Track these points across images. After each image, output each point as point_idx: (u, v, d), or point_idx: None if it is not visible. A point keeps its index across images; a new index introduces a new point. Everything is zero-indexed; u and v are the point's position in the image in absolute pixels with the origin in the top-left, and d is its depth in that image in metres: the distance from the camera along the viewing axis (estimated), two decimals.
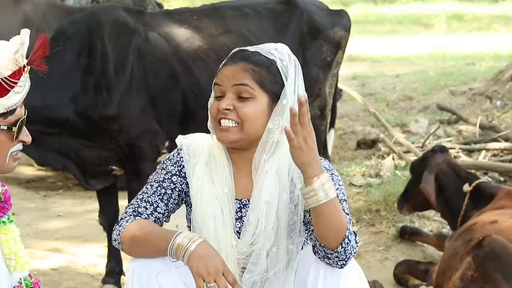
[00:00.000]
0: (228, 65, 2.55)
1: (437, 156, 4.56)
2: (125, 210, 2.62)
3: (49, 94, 4.19)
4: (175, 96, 4.40)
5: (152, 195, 2.60)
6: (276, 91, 2.53)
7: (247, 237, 2.55)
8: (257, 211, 2.54)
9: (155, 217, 2.58)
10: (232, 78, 2.51)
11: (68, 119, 4.25)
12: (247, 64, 2.52)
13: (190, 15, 4.66)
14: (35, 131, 4.20)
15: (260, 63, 2.53)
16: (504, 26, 16.54)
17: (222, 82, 2.53)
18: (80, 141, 4.33)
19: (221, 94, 2.54)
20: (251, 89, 2.50)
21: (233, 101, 2.51)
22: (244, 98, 2.51)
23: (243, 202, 2.59)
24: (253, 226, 2.54)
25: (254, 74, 2.51)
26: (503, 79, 8.65)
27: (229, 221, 2.56)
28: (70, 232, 5.59)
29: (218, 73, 2.57)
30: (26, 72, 2.20)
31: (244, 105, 2.50)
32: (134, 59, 4.32)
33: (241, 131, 2.51)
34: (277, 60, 2.54)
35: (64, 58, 4.24)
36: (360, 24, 17.50)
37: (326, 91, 4.91)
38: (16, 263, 2.33)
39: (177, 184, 2.62)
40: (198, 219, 2.58)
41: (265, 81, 2.52)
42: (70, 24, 4.46)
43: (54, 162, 4.48)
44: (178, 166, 2.63)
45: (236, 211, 2.59)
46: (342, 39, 4.93)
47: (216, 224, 2.55)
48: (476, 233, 3.92)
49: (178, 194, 2.62)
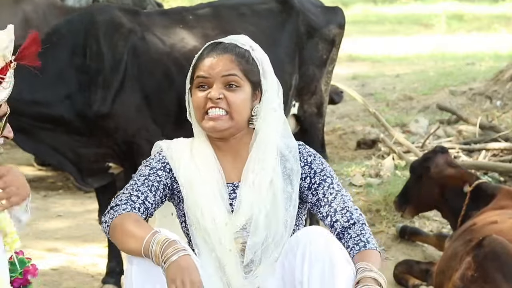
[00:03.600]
0: (211, 57, 2.65)
1: (438, 157, 4.56)
2: (118, 198, 2.65)
3: (42, 90, 4.20)
4: (170, 96, 4.41)
5: (141, 185, 2.66)
6: (255, 79, 2.68)
7: (240, 211, 2.64)
8: (248, 187, 2.65)
9: (145, 207, 2.64)
10: (220, 69, 2.63)
11: (63, 116, 4.26)
12: (232, 55, 2.65)
13: (186, 15, 4.66)
14: (28, 124, 4.23)
15: (242, 54, 2.67)
16: (504, 26, 16.55)
17: (209, 73, 2.63)
18: (75, 138, 4.33)
19: (207, 85, 2.64)
20: (239, 79, 2.64)
21: (222, 90, 2.63)
22: (233, 87, 2.63)
23: (235, 185, 2.70)
24: (245, 200, 2.64)
25: (239, 65, 2.65)
26: (503, 79, 8.66)
27: (221, 202, 2.65)
28: (70, 232, 5.58)
29: (199, 64, 2.67)
30: (12, 68, 2.20)
31: (233, 94, 2.63)
32: (129, 59, 4.32)
33: (231, 120, 2.63)
34: (250, 51, 2.69)
35: (59, 56, 4.24)
36: (360, 24, 17.53)
37: (322, 89, 4.91)
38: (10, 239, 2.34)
39: (163, 178, 2.69)
40: (191, 205, 2.66)
41: (248, 70, 2.66)
42: (66, 23, 4.47)
43: (46, 155, 4.47)
44: (162, 163, 2.72)
45: (230, 193, 2.69)
46: (336, 36, 4.93)
47: (210, 206, 2.63)
48: (476, 233, 3.92)
49: (163, 188, 2.69)
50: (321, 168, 2.72)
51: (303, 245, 2.53)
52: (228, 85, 2.63)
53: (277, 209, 2.65)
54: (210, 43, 2.72)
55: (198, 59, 2.70)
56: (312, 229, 2.61)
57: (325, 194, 2.69)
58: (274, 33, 4.69)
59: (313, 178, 2.70)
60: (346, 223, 2.65)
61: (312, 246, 2.51)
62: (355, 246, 2.60)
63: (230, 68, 2.63)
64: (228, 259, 2.63)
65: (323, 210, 2.69)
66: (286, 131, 2.76)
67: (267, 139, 2.68)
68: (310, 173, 2.71)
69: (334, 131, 8.34)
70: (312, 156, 2.74)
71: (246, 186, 2.66)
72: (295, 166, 2.69)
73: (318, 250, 2.50)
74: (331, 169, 2.75)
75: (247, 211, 2.64)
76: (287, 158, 2.70)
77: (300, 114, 4.95)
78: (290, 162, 2.69)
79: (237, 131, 2.68)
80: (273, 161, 2.67)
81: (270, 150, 2.68)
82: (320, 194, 2.69)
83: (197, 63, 2.69)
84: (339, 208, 2.67)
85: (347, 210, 2.67)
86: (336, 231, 2.66)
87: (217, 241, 2.63)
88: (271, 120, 2.70)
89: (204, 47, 2.72)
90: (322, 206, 2.69)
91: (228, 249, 2.63)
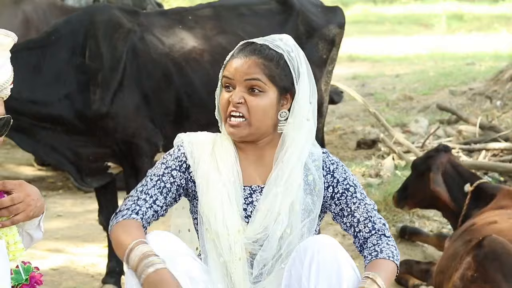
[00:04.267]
0: (238, 58, 2.58)
1: (441, 156, 4.56)
2: (125, 202, 2.64)
3: (41, 90, 4.20)
4: (169, 95, 4.41)
5: (152, 188, 2.62)
6: (284, 85, 2.58)
7: (256, 223, 2.58)
8: (270, 198, 2.58)
9: (153, 210, 2.61)
10: (244, 72, 2.55)
11: (62, 115, 4.26)
12: (258, 59, 2.56)
13: (185, 15, 4.66)
14: (27, 123, 4.23)
15: (270, 58, 2.57)
16: (504, 26, 16.55)
17: (233, 75, 2.56)
18: (75, 137, 4.33)
19: (231, 86, 2.58)
20: (263, 84, 2.55)
21: (244, 95, 2.55)
22: (255, 92, 2.55)
23: (253, 188, 2.63)
24: (262, 213, 2.58)
25: (265, 69, 2.56)
26: (503, 79, 8.66)
27: (235, 207, 2.59)
28: (70, 232, 5.58)
29: (227, 65, 2.60)
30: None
31: (254, 99, 2.55)
32: (128, 59, 4.32)
33: (250, 126, 2.56)
34: (284, 53, 2.59)
35: (58, 56, 4.25)
36: (360, 24, 17.52)
37: (322, 88, 4.91)
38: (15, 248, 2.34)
39: (177, 179, 2.64)
40: (204, 205, 2.60)
41: (275, 75, 2.57)
42: (65, 23, 4.47)
43: (45, 155, 4.47)
44: (179, 162, 2.65)
45: (246, 197, 2.62)
46: (336, 36, 4.93)
47: (223, 210, 2.57)
48: (476, 233, 3.92)
49: (176, 189, 2.65)
50: (344, 177, 2.66)
51: (311, 254, 2.48)
52: (251, 89, 2.56)
53: (295, 223, 2.59)
54: (243, 42, 2.65)
55: (229, 57, 2.63)
56: (321, 237, 2.56)
57: (348, 204, 2.64)
58: (274, 33, 4.68)
59: (336, 188, 2.65)
60: (368, 233, 2.62)
61: (320, 255, 2.47)
62: (368, 256, 2.58)
63: (254, 72, 2.55)
64: (236, 267, 2.58)
65: (346, 221, 2.65)
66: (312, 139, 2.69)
67: (296, 150, 2.60)
68: (333, 182, 2.65)
69: (334, 131, 8.34)
70: (335, 164, 2.68)
71: (267, 198, 2.59)
72: (318, 180, 2.63)
73: (326, 260, 2.46)
74: (354, 177, 2.69)
75: (263, 224, 2.58)
76: (311, 170, 2.63)
77: None
78: (313, 174, 2.63)
79: (259, 137, 2.61)
80: (298, 175, 2.60)
81: (298, 162, 2.60)
82: (343, 203, 2.65)
83: (227, 62, 2.62)
84: (362, 218, 2.63)
85: (369, 220, 2.63)
86: (359, 242, 2.64)
87: (227, 247, 2.58)
88: (303, 130, 2.62)
89: (237, 46, 2.65)
90: (345, 216, 2.65)
91: (238, 257, 2.57)
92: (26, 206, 2.33)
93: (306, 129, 2.62)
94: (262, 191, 2.62)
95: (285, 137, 2.61)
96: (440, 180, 4.46)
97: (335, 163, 2.68)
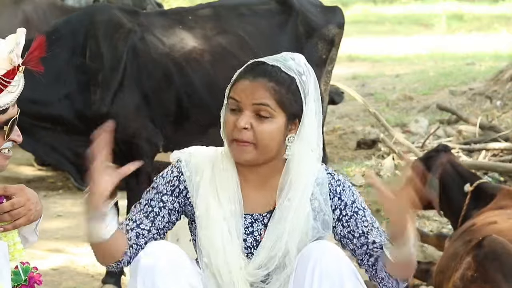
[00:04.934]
0: (247, 79, 2.44)
1: (441, 156, 4.55)
2: None
3: (41, 89, 4.20)
4: (169, 96, 4.41)
5: (137, 213, 2.58)
6: (293, 110, 2.46)
7: (258, 260, 2.50)
8: (274, 240, 2.50)
9: (136, 232, 2.54)
10: (252, 96, 2.42)
11: (62, 115, 4.27)
12: (268, 82, 2.42)
13: (185, 15, 4.66)
14: (27, 123, 4.23)
15: (281, 82, 2.44)
16: (504, 26, 16.54)
17: (241, 98, 2.43)
18: (75, 137, 4.34)
19: (237, 108, 2.45)
20: (271, 109, 2.42)
21: (251, 119, 2.42)
22: (263, 117, 2.42)
23: (254, 217, 2.53)
24: (267, 251, 2.50)
25: (275, 94, 2.42)
26: (503, 79, 8.66)
27: (236, 242, 2.50)
28: (70, 232, 5.58)
29: (235, 86, 2.46)
30: (20, 72, 2.19)
31: (261, 124, 2.42)
32: (128, 59, 4.33)
33: (256, 150, 2.44)
34: (296, 77, 2.46)
35: (59, 56, 4.25)
36: (360, 24, 17.51)
37: (321, 88, 4.90)
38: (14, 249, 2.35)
39: (168, 203, 2.54)
40: (205, 240, 2.51)
41: (285, 100, 2.44)
42: (66, 23, 4.48)
43: (45, 155, 4.48)
44: (170, 187, 2.55)
45: (247, 226, 2.53)
46: (336, 36, 4.93)
47: (224, 246, 2.48)
48: (475, 233, 3.92)
49: (168, 213, 2.55)
50: (352, 200, 2.55)
51: (314, 260, 2.42)
52: (259, 114, 2.42)
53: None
54: (252, 62, 2.49)
55: (237, 76, 2.48)
56: (323, 244, 2.49)
57: (358, 226, 2.54)
58: (274, 33, 4.70)
59: (344, 210, 2.54)
60: None
61: (322, 262, 2.41)
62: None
63: (263, 97, 2.41)
64: None
65: (357, 242, 2.54)
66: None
67: (300, 183, 2.49)
68: (340, 205, 2.54)
69: (334, 131, 8.34)
70: (341, 186, 2.55)
71: (270, 238, 2.49)
72: (324, 206, 2.53)
73: (328, 266, 2.42)
74: (361, 199, 2.59)
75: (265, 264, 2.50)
76: (316, 196, 2.53)
77: None
78: (318, 200, 2.53)
79: (264, 161, 2.47)
80: (304, 212, 2.49)
81: (302, 198, 2.49)
82: (352, 225, 2.54)
83: (235, 80, 2.47)
84: (378, 240, 2.52)
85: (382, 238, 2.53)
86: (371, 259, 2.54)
87: (228, 281, 2.50)
88: (308, 160, 2.50)
89: (246, 64, 2.49)
90: (356, 238, 2.54)
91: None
92: (27, 211, 2.34)
93: (311, 160, 2.52)
94: (264, 221, 2.53)
95: (289, 165, 2.50)
96: (435, 182, 4.46)
97: (341, 185, 2.56)
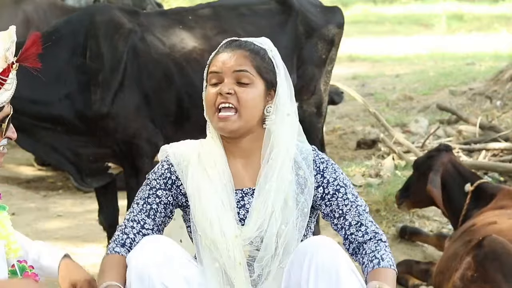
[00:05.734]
0: (225, 52, 2.61)
1: (442, 155, 4.56)
2: (116, 232, 2.66)
3: (41, 89, 4.20)
4: (170, 96, 4.41)
5: (138, 213, 2.64)
6: (270, 78, 2.61)
7: (251, 224, 2.57)
8: (263, 196, 2.57)
9: (142, 234, 2.62)
10: (232, 64, 2.57)
11: (62, 115, 4.27)
12: (245, 52, 2.60)
13: (185, 15, 4.66)
14: (27, 123, 4.23)
15: (256, 51, 2.61)
16: (504, 26, 16.55)
17: (221, 69, 2.58)
18: (75, 137, 4.34)
19: (219, 81, 2.59)
20: (251, 75, 2.57)
21: (234, 86, 2.56)
22: (244, 83, 2.57)
23: (245, 191, 2.63)
24: (256, 212, 2.57)
25: (253, 61, 2.59)
26: (503, 79, 8.67)
27: (230, 212, 2.58)
28: (70, 232, 5.58)
29: (213, 60, 2.62)
30: (14, 69, 2.20)
31: (244, 90, 2.56)
32: (129, 59, 4.33)
33: (240, 118, 2.55)
34: (267, 50, 2.64)
35: (59, 56, 4.25)
36: (360, 24, 17.53)
37: (321, 88, 4.92)
38: (8, 248, 2.35)
39: (163, 198, 2.65)
40: (198, 215, 2.59)
41: (262, 68, 2.60)
42: (66, 23, 4.47)
43: (45, 155, 4.48)
44: (163, 179, 2.66)
45: (238, 200, 2.61)
46: (335, 36, 4.93)
47: (218, 217, 2.56)
48: (475, 233, 3.93)
49: (164, 207, 2.65)
50: (334, 177, 2.64)
51: (309, 256, 2.47)
52: (240, 81, 2.57)
53: (289, 218, 2.58)
54: (226, 40, 2.69)
55: (213, 55, 2.65)
56: (319, 239, 2.54)
57: (339, 206, 2.63)
58: (273, 33, 4.69)
59: (326, 188, 2.63)
60: (361, 238, 2.61)
61: (318, 257, 2.46)
62: (369, 263, 2.56)
63: (242, 64, 2.58)
64: (237, 273, 2.56)
65: (337, 222, 2.63)
66: (300, 136, 2.68)
67: (282, 147, 2.59)
68: (323, 182, 2.63)
69: (334, 131, 8.34)
70: (325, 163, 2.66)
71: (259, 198, 2.58)
72: (309, 175, 2.61)
73: (324, 261, 2.45)
74: (344, 176, 2.67)
75: (258, 225, 2.57)
76: (300, 165, 2.62)
77: (299, 114, 4.94)
78: (303, 170, 2.62)
79: (248, 131, 2.60)
80: (288, 170, 2.59)
81: (286, 158, 2.59)
82: (334, 205, 2.63)
83: (212, 59, 2.65)
84: (354, 222, 2.62)
85: (361, 224, 2.62)
86: (351, 246, 2.63)
87: (225, 254, 2.56)
88: (286, 125, 2.62)
89: (221, 44, 2.68)
90: (336, 218, 2.63)
91: (238, 262, 2.56)
92: None
93: (288, 124, 2.63)
94: (254, 192, 2.60)
95: (269, 134, 2.61)
96: (438, 181, 4.46)
97: (325, 162, 2.66)
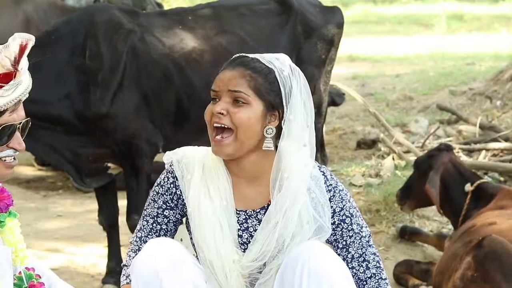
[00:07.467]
0: (226, 70, 2.53)
1: (443, 155, 4.56)
2: (128, 252, 2.66)
3: (41, 89, 4.19)
4: (169, 96, 4.41)
5: (149, 233, 2.64)
6: (271, 100, 2.50)
7: (253, 254, 2.53)
8: (269, 228, 2.52)
9: None
10: (228, 83, 2.49)
11: (62, 116, 4.27)
12: (245, 70, 2.50)
13: (185, 15, 4.66)
14: None
15: (259, 70, 2.51)
16: (504, 26, 16.55)
17: (218, 87, 2.51)
18: (74, 138, 4.34)
19: (217, 98, 2.52)
20: (246, 96, 2.48)
21: (228, 106, 2.49)
22: (239, 103, 2.48)
23: (249, 213, 2.57)
24: (260, 244, 2.52)
25: (251, 81, 2.49)
26: (503, 79, 8.66)
27: (228, 235, 2.54)
28: (70, 232, 5.59)
29: (217, 77, 2.55)
30: (16, 78, 2.16)
31: (238, 110, 2.48)
32: (128, 59, 4.33)
33: (235, 140, 2.48)
34: (276, 69, 2.52)
35: (59, 56, 4.25)
36: (360, 24, 17.53)
37: (321, 88, 4.92)
38: (16, 255, 2.33)
39: (171, 217, 2.64)
40: (197, 236, 2.55)
41: (261, 88, 2.49)
42: (66, 23, 4.47)
43: (45, 155, 4.47)
44: (169, 195, 2.63)
45: (242, 222, 2.56)
46: (335, 36, 4.93)
47: (215, 239, 2.52)
48: (475, 233, 3.93)
49: (174, 225, 2.66)
50: (340, 207, 2.58)
51: (302, 261, 2.44)
52: (235, 101, 2.48)
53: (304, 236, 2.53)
54: (236, 56, 2.59)
55: (220, 71, 2.57)
56: (313, 244, 2.51)
57: (343, 236, 2.59)
58: (273, 33, 4.70)
59: (332, 218, 2.57)
60: (362, 274, 2.58)
61: (311, 262, 2.43)
62: None
63: (238, 84, 2.48)
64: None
65: (340, 253, 2.59)
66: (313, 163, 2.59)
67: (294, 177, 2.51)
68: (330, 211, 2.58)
69: (334, 131, 8.34)
70: (332, 191, 2.58)
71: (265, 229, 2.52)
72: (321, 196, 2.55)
73: (317, 267, 2.43)
74: (351, 203, 2.61)
75: (261, 256, 2.52)
76: (314, 190, 2.55)
77: None
78: (315, 192, 2.55)
79: (248, 152, 2.52)
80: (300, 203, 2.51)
81: (298, 190, 2.51)
82: (338, 235, 2.59)
83: (216, 75, 2.57)
84: (357, 255, 2.58)
85: (364, 259, 2.58)
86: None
87: (222, 277, 2.54)
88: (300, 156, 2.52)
89: (229, 60, 2.59)
90: (340, 248, 2.59)
91: (235, 287, 2.54)
92: None
93: (303, 155, 2.53)
94: (258, 216, 2.56)
95: (280, 160, 2.53)
96: (436, 180, 4.46)
97: (332, 189, 2.59)
